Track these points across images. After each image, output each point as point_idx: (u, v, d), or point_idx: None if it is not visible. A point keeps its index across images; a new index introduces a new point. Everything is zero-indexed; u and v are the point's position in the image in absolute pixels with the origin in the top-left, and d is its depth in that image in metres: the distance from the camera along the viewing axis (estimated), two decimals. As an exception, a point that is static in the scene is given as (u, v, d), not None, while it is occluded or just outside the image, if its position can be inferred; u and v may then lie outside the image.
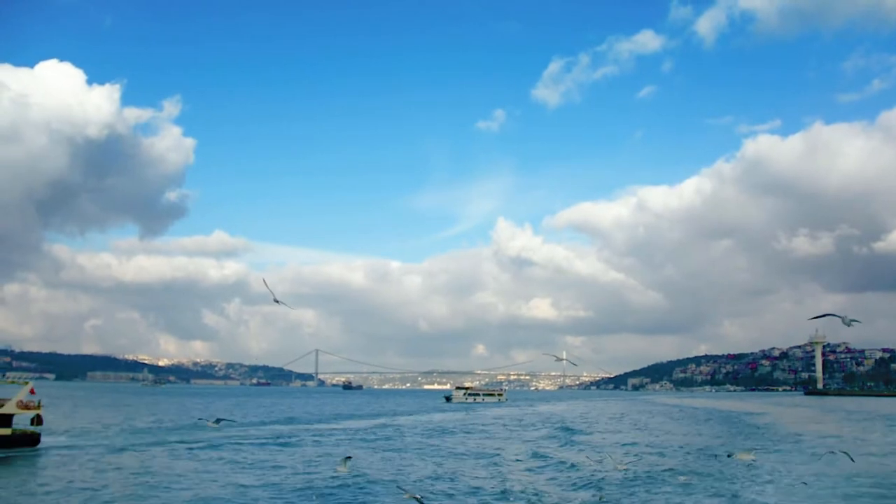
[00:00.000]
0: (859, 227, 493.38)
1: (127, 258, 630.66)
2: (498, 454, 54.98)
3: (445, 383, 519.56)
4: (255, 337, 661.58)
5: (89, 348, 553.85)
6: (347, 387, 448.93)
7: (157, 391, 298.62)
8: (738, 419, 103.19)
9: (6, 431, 52.55)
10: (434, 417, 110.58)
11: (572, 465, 46.58)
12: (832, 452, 39.67)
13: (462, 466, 47.33)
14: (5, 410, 52.75)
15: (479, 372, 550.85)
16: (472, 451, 57.84)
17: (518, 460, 51.20)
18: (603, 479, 40.17)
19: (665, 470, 43.78)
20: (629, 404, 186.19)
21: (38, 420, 55.11)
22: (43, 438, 54.97)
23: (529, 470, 45.69)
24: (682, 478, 40.22)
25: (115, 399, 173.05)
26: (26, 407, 54.44)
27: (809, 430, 78.59)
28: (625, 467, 42.30)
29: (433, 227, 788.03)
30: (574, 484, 39.15)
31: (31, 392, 55.53)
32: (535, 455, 53.89)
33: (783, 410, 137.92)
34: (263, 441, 64.31)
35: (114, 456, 51.47)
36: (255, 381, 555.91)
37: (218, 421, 60.87)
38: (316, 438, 68.28)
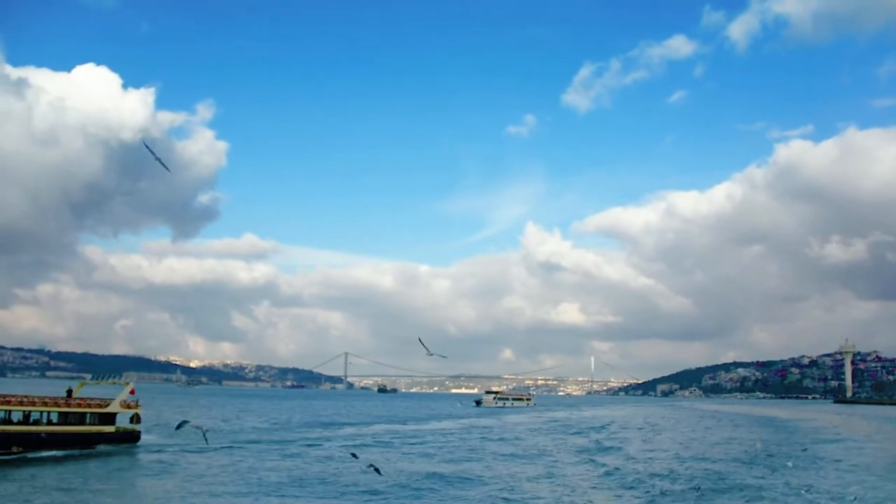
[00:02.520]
0: (894, 234, 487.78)
1: (158, 260, 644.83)
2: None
3: (473, 387, 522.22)
4: (283, 339, 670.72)
5: (120, 349, 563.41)
6: (382, 390, 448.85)
7: (195, 392, 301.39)
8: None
9: (110, 429, 57.01)
10: (492, 420, 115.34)
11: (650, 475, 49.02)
12: None
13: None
14: (110, 409, 57.48)
15: (506, 376, 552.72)
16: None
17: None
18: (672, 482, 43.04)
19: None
20: (671, 410, 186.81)
21: (136, 418, 59.46)
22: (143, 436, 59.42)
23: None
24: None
25: (188, 400, 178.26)
26: (128, 406, 59.25)
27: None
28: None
29: (462, 232, 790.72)
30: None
31: (131, 392, 60.80)
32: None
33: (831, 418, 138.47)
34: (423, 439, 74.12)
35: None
36: (288, 383, 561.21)
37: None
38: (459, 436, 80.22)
